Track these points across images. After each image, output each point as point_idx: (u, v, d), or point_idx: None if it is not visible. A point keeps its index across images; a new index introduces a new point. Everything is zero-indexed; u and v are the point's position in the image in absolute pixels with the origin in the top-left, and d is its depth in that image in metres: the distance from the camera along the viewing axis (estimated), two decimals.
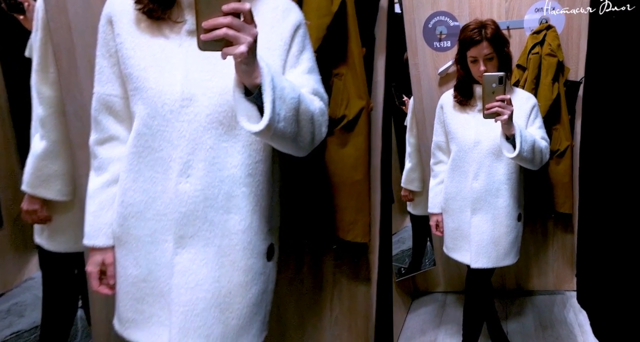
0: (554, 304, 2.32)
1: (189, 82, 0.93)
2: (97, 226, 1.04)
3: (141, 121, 0.96)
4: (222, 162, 0.95)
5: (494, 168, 1.67)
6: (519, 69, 2.05)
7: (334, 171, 1.44)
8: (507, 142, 1.50)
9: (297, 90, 0.89)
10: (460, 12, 2.18)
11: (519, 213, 1.73)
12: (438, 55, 2.23)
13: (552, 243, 2.38)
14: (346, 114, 1.42)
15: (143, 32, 0.96)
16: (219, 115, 0.93)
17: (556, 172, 2.12)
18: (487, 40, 1.59)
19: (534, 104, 1.69)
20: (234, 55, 0.75)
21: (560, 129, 2.07)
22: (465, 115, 1.74)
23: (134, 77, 0.96)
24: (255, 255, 1.00)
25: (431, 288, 2.51)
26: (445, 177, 1.84)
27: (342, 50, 1.40)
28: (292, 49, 0.99)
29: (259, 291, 1.01)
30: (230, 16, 0.74)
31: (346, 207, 1.46)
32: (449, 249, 1.85)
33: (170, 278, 0.96)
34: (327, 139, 1.42)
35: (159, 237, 0.97)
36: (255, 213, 0.99)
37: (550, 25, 2.03)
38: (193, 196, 0.94)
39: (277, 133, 0.84)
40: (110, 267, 1.05)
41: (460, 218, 1.77)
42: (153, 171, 0.96)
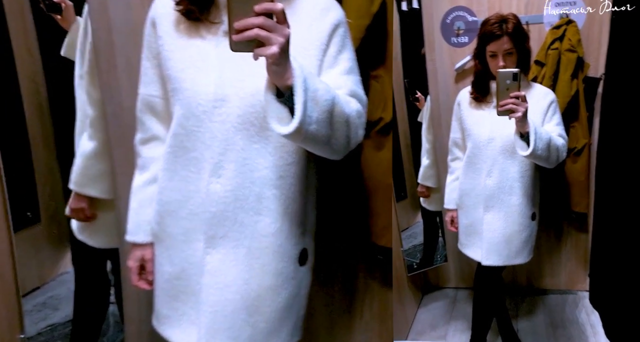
0: (566, 304, 2.26)
1: (222, 83, 0.92)
2: (137, 223, 1.07)
3: (177, 121, 0.96)
4: (253, 164, 0.93)
5: (507, 165, 1.64)
6: (537, 65, 1.99)
7: (370, 174, 1.39)
8: (521, 139, 1.46)
9: (331, 92, 0.86)
10: (479, 7, 2.13)
11: (533, 212, 1.68)
12: (455, 51, 2.18)
13: (565, 242, 2.33)
14: (383, 117, 1.37)
15: (182, 34, 0.96)
16: (250, 116, 0.92)
17: (572, 171, 2.06)
18: (507, 35, 1.55)
19: (551, 100, 1.63)
20: (265, 56, 0.73)
21: (578, 127, 2.01)
22: (481, 111, 1.71)
23: (173, 78, 0.96)
24: (287, 259, 0.98)
25: (442, 283, 2.49)
26: (460, 173, 1.82)
27: (381, 52, 1.36)
28: (330, 49, 0.96)
29: (289, 295, 0.99)
30: (263, 16, 0.72)
31: (381, 212, 1.42)
32: (462, 245, 1.83)
33: (200, 277, 0.96)
34: (364, 142, 1.36)
35: (191, 236, 0.97)
36: (286, 216, 0.97)
37: (571, 20, 1.95)
38: (223, 196, 0.93)
39: (308, 136, 0.81)
40: (149, 263, 1.07)
41: (474, 215, 1.74)
42: (187, 171, 0.96)
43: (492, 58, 1.60)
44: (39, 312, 1.27)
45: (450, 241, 2.31)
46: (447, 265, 2.40)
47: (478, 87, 1.69)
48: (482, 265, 1.72)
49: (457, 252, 2.31)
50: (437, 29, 2.18)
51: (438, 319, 2.22)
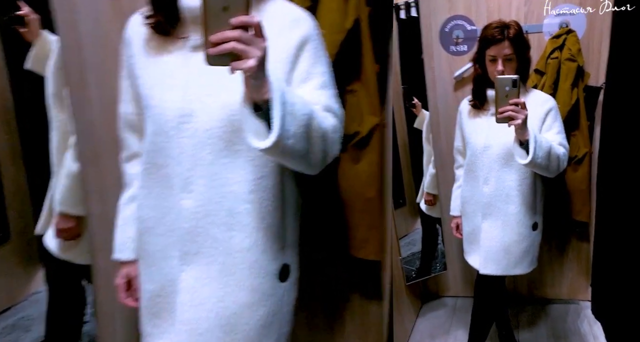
0: (568, 314, 2.23)
1: (189, 98, 0.91)
2: (122, 240, 1.08)
3: (149, 138, 0.96)
4: (222, 178, 0.92)
5: (503, 173, 1.61)
6: (537, 73, 1.97)
7: (347, 187, 1.39)
8: (521, 147, 1.42)
9: (309, 106, 0.84)
10: (478, 17, 2.11)
11: (534, 222, 1.65)
12: (454, 59, 2.16)
13: (567, 251, 2.30)
14: (359, 131, 1.37)
15: (152, 51, 0.97)
16: (218, 131, 0.90)
17: (573, 179, 2.03)
18: (509, 39, 1.53)
19: (550, 108, 1.60)
20: (242, 69, 0.71)
21: (579, 136, 1.98)
22: (479, 119, 1.69)
23: (143, 95, 0.96)
24: (263, 275, 0.95)
25: (442, 292, 2.45)
26: (462, 181, 1.81)
27: (356, 67, 1.36)
28: (302, 63, 0.94)
29: (268, 312, 0.96)
30: (239, 29, 0.70)
31: (359, 225, 1.40)
32: (465, 253, 1.81)
33: (176, 295, 0.95)
34: (341, 156, 1.37)
35: (168, 253, 0.96)
36: (260, 231, 0.94)
37: (571, 29, 1.94)
38: (195, 211, 0.92)
39: (286, 150, 0.80)
40: (134, 280, 1.08)
41: (474, 222, 1.73)
42: (161, 187, 0.96)
43: (492, 62, 1.57)
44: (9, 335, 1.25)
45: (450, 249, 2.27)
46: (446, 273, 2.37)
47: (476, 93, 1.67)
48: (481, 273, 1.69)
49: (457, 260, 2.29)
50: (436, 37, 2.16)
51: (437, 328, 2.18)
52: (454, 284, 2.41)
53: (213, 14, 0.70)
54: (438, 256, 2.27)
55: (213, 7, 0.69)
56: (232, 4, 0.69)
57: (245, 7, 0.70)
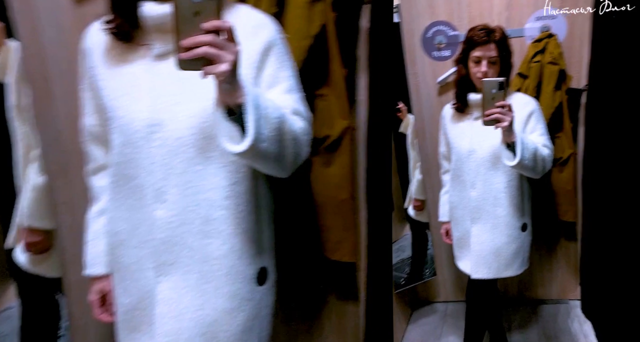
0: (558, 314, 2.27)
1: (157, 108, 0.92)
2: (93, 255, 1.07)
3: (117, 150, 0.96)
4: (196, 186, 0.92)
5: (490, 176, 1.64)
6: (520, 77, 2.03)
7: (319, 190, 1.43)
8: (508, 149, 1.46)
9: (279, 109, 0.86)
10: (460, 22, 2.17)
11: (522, 223, 1.68)
12: (437, 65, 2.21)
13: (556, 252, 2.35)
14: (330, 134, 1.41)
15: (113, 61, 0.96)
16: (189, 139, 0.91)
17: (559, 180, 2.09)
18: (494, 42, 1.58)
19: (532, 110, 1.64)
20: (215, 74, 0.72)
21: (563, 137, 2.05)
22: (462, 124, 1.73)
23: (107, 107, 0.96)
24: (241, 280, 0.97)
25: (432, 298, 2.47)
26: (449, 186, 1.84)
27: (324, 72, 1.40)
28: (268, 68, 0.95)
29: (247, 317, 0.98)
30: (211, 34, 0.71)
31: (332, 227, 1.44)
32: (456, 258, 1.83)
33: (154, 307, 0.95)
34: (312, 159, 1.42)
35: (143, 265, 0.96)
36: (236, 236, 0.96)
37: (552, 33, 2.01)
38: (169, 221, 0.93)
39: (259, 154, 0.82)
40: (109, 294, 1.07)
41: (463, 227, 1.75)
42: (132, 199, 0.95)
43: (476, 64, 1.60)
44: None
45: (439, 254, 2.30)
46: (436, 279, 2.39)
47: (458, 96, 1.70)
48: (472, 278, 1.72)
49: (446, 264, 2.31)
50: (419, 43, 2.21)
51: (428, 335, 2.19)
52: (444, 290, 2.44)
53: (184, 19, 0.71)
54: (428, 261, 2.29)
55: (184, 12, 0.70)
56: (204, 9, 0.71)
57: (216, 11, 0.71)
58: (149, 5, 0.91)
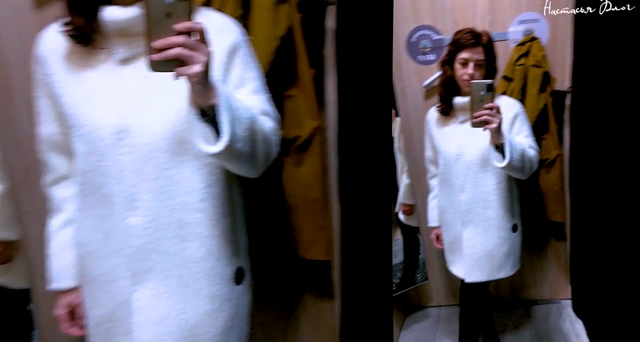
0: (550, 314, 2.32)
1: (123, 114, 0.92)
2: (60, 268, 1.06)
3: (82, 158, 0.96)
4: (170, 191, 0.94)
5: (479, 179, 1.67)
6: (505, 80, 2.09)
7: (292, 190, 1.47)
8: (496, 151, 1.50)
9: (250, 110, 0.89)
10: (444, 26, 2.21)
11: (513, 224, 1.73)
12: (423, 69, 2.24)
13: (546, 252, 2.40)
14: (300, 135, 1.46)
15: (73, 66, 0.96)
16: (159, 144, 0.92)
17: (547, 181, 2.14)
18: (482, 45, 1.62)
19: (517, 112, 1.69)
20: (188, 75, 0.74)
21: (549, 139, 2.10)
22: (448, 127, 1.76)
23: (69, 114, 0.95)
24: (220, 281, 0.99)
25: (424, 303, 2.49)
26: (438, 191, 1.86)
27: (292, 73, 1.45)
28: (234, 70, 0.98)
29: (228, 317, 1.00)
30: (184, 35, 0.73)
31: (306, 226, 1.49)
32: (448, 263, 1.86)
33: (130, 317, 0.95)
34: (283, 160, 1.46)
35: (116, 275, 0.96)
36: (213, 238, 0.98)
37: (535, 36, 2.07)
38: (144, 228, 0.93)
39: (234, 154, 0.84)
40: (78, 307, 1.07)
41: (454, 231, 1.78)
42: (100, 208, 0.96)
43: (462, 66, 1.64)
44: None
45: (431, 258, 2.33)
46: (428, 283, 2.41)
47: (444, 97, 1.72)
48: (466, 282, 1.74)
49: (438, 269, 2.34)
50: (403, 47, 2.25)
51: (422, 340, 2.21)
52: (437, 294, 2.46)
53: (156, 20, 0.72)
54: (420, 266, 2.32)
55: (156, 13, 0.72)
56: (175, 10, 0.72)
57: (188, 13, 0.73)
58: (111, 9, 0.91)
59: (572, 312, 2.07)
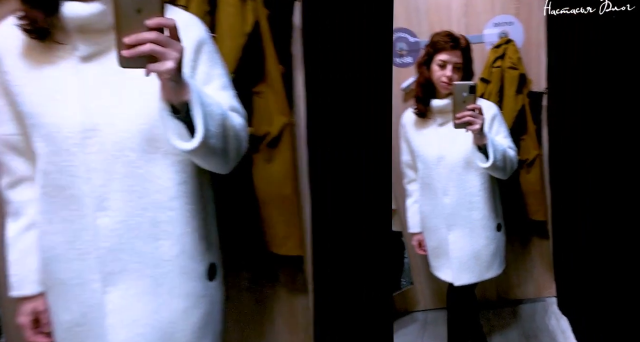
0: (536, 312, 2.38)
1: (89, 112, 0.91)
2: (22, 275, 1.03)
3: (45, 159, 0.94)
4: (141, 190, 0.93)
5: (462, 181, 1.68)
6: (482, 82, 2.15)
7: (263, 187, 1.50)
8: (479, 152, 1.52)
9: (221, 106, 0.90)
10: (420, 28, 2.26)
11: (497, 223, 1.76)
12: (400, 71, 2.29)
13: (530, 251, 2.46)
14: (270, 131, 1.49)
15: (32, 65, 0.93)
16: (127, 142, 0.91)
17: (527, 181, 2.22)
18: (460, 49, 1.64)
19: (494, 114, 1.71)
20: (160, 72, 0.74)
21: (528, 139, 2.18)
22: (426, 130, 1.76)
23: (29, 114, 0.93)
24: (194, 278, 0.99)
25: (410, 307, 2.53)
26: (418, 196, 1.86)
27: (260, 69, 1.47)
28: (201, 66, 0.98)
29: (202, 314, 1.01)
30: (155, 31, 0.73)
31: (278, 222, 1.52)
32: (433, 268, 1.86)
33: (103, 319, 0.94)
34: (254, 156, 1.49)
35: (86, 278, 0.95)
36: (186, 236, 0.98)
37: (510, 39, 2.15)
38: (114, 228, 0.92)
39: (208, 150, 0.85)
40: (43, 314, 1.04)
41: (438, 236, 1.78)
42: (67, 210, 0.94)
43: (440, 68, 1.64)
44: None
45: (415, 262, 2.37)
46: (413, 288, 2.45)
47: (421, 99, 1.72)
48: (456, 285, 1.75)
49: (424, 273, 2.37)
50: None
51: None
52: (423, 298, 2.49)
53: (126, 16, 0.72)
54: (405, 270, 2.35)
55: (126, 9, 0.72)
56: (146, 6, 0.72)
57: (160, 8, 0.73)
58: (71, 4, 0.89)
59: (557, 310, 2.14)
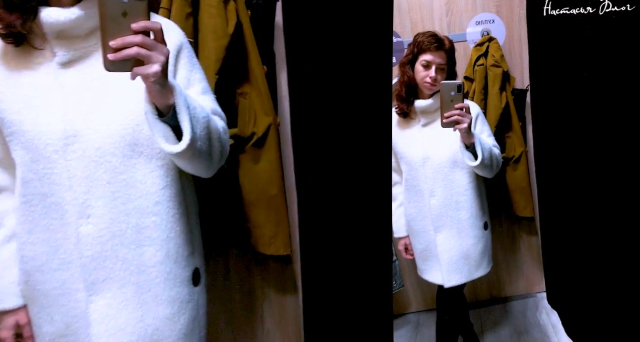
0: (527, 308, 2.45)
1: (70, 118, 0.92)
2: (3, 288, 1.03)
3: (25, 167, 0.95)
4: (124, 196, 0.94)
5: (449, 181, 1.71)
6: (466, 80, 2.23)
7: (250, 187, 1.55)
8: (467, 150, 1.57)
9: (204, 109, 0.92)
10: (402, 28, 2.33)
11: (484, 222, 1.80)
12: None
13: (519, 248, 2.54)
14: (255, 131, 1.54)
15: (9, 70, 0.94)
16: (109, 148, 0.93)
17: (514, 178, 2.29)
18: (445, 50, 1.68)
19: (477, 113, 1.75)
20: (146, 75, 0.76)
21: (513, 136, 2.25)
22: (409, 131, 1.78)
23: (7, 121, 0.94)
24: (179, 284, 1.01)
25: (402, 309, 2.57)
26: (403, 198, 1.88)
27: (244, 70, 1.52)
28: (180, 71, 1.00)
29: (188, 320, 1.03)
30: (141, 35, 0.75)
31: (266, 222, 1.57)
32: (422, 271, 1.89)
33: (88, 329, 0.95)
34: (240, 157, 1.54)
35: (69, 287, 0.96)
36: (170, 240, 1.00)
37: (492, 37, 2.23)
38: (98, 236, 0.94)
39: (195, 153, 0.87)
40: (26, 327, 1.04)
41: (426, 238, 1.80)
42: (49, 218, 0.95)
43: (424, 68, 1.67)
44: None
45: (405, 264, 2.42)
46: (405, 289, 2.50)
47: (404, 99, 1.74)
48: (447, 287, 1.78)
49: (414, 274, 2.40)
50: None
51: None
52: (415, 300, 2.55)
53: (112, 19, 0.74)
54: (396, 273, 2.40)
55: (111, 12, 0.74)
56: (132, 10, 0.75)
57: (145, 12, 0.76)
58: (49, 9, 0.90)
59: (547, 305, 2.21)
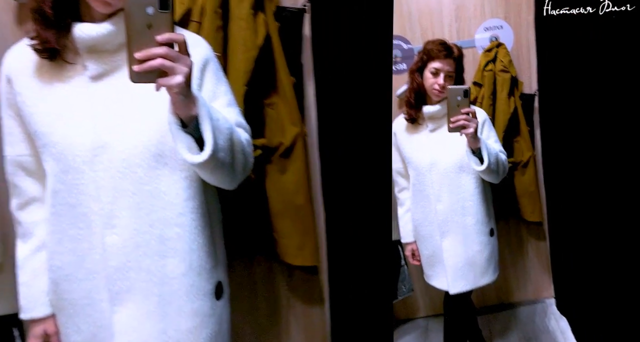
0: (536, 314, 2.48)
1: (99, 130, 0.96)
2: (32, 297, 1.06)
3: (55, 178, 0.99)
4: (148, 207, 0.97)
5: (455, 187, 1.74)
6: (475, 85, 2.28)
7: (277, 197, 1.58)
8: (473, 155, 1.60)
9: (228, 121, 0.95)
10: (413, 35, 2.40)
11: (490, 228, 1.82)
12: (395, 78, 2.39)
13: (527, 253, 2.58)
14: (282, 142, 1.58)
15: (43, 85, 0.98)
16: (135, 159, 0.96)
17: (522, 183, 2.34)
18: (453, 58, 1.73)
19: (484, 119, 1.78)
20: (170, 86, 0.79)
21: (521, 141, 2.31)
22: (417, 136, 1.82)
23: (40, 133, 0.98)
24: (201, 297, 1.03)
25: (411, 315, 2.61)
26: (410, 204, 1.92)
27: (272, 81, 1.57)
28: (207, 84, 1.03)
29: (210, 334, 1.04)
30: (165, 46, 0.78)
31: (292, 233, 1.60)
32: (428, 277, 1.93)
33: (112, 340, 0.98)
34: (267, 167, 1.58)
35: (95, 297, 0.98)
36: (193, 252, 1.01)
37: (500, 42, 2.30)
38: (122, 246, 0.96)
39: (217, 164, 0.90)
40: (54, 337, 1.07)
41: (432, 244, 1.83)
42: (76, 228, 0.98)
43: (433, 75, 1.73)
44: None
45: (414, 269, 2.46)
46: (414, 294, 2.54)
47: (413, 105, 1.79)
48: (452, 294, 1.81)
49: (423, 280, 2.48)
50: None
51: None
52: (424, 305, 2.59)
53: (137, 31, 0.77)
54: (405, 278, 2.45)
55: (137, 24, 0.77)
56: (156, 22, 0.78)
57: (170, 24, 0.79)
58: (82, 25, 0.95)
59: (556, 311, 2.25)
